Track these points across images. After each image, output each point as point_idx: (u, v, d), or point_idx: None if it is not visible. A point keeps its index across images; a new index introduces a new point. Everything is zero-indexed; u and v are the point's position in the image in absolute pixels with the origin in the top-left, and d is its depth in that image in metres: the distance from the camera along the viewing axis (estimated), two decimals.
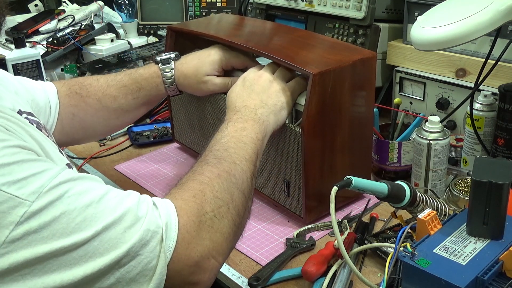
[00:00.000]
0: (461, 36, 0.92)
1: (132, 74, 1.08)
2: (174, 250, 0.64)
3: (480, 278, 0.66)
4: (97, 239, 0.59)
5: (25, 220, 0.56)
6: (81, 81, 1.09)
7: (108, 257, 0.59)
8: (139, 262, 0.61)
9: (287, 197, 1.02)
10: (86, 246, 0.58)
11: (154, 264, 0.62)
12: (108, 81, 1.08)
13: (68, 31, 1.79)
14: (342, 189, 0.76)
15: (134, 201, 0.65)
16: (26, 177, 0.58)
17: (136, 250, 0.61)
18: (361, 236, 0.92)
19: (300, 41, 1.06)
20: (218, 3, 1.90)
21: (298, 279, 0.87)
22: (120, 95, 1.06)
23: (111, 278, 0.60)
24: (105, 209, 0.61)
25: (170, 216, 0.66)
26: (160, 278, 0.63)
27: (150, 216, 0.64)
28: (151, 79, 1.06)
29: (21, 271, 0.56)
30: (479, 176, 0.70)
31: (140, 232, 0.62)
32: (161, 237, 0.63)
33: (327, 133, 0.95)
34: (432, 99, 1.27)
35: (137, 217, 0.63)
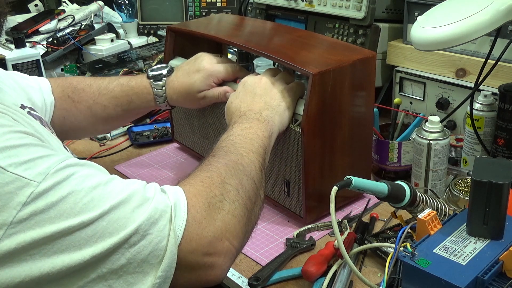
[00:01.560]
0: (461, 36, 0.92)
1: (124, 86, 1.08)
2: (185, 229, 0.64)
3: (480, 278, 0.66)
4: (105, 218, 0.59)
5: (32, 201, 0.56)
6: (75, 84, 1.10)
7: (117, 236, 0.59)
8: (149, 241, 0.61)
9: (287, 197, 1.02)
10: (94, 226, 0.58)
11: (165, 244, 0.62)
12: (101, 89, 1.08)
13: (68, 31, 1.79)
14: (342, 189, 0.76)
15: (141, 185, 0.65)
16: (33, 159, 0.58)
17: (145, 228, 0.61)
18: (361, 236, 0.92)
19: (300, 41, 1.06)
20: (218, 3, 1.90)
21: (298, 279, 0.87)
22: (110, 106, 1.08)
23: (121, 258, 0.60)
24: (112, 191, 0.61)
25: (178, 197, 0.66)
26: (171, 258, 0.62)
27: (158, 197, 0.64)
28: (141, 94, 1.07)
29: (29, 251, 0.56)
30: (479, 176, 0.70)
31: (149, 211, 0.62)
32: (170, 216, 0.63)
33: (327, 133, 0.95)
34: (432, 99, 1.27)
35: (145, 198, 0.63)
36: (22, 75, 1.05)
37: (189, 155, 1.30)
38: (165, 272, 0.62)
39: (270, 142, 0.88)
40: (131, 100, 1.08)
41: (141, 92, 1.07)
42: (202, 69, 1.05)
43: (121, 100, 1.08)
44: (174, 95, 1.07)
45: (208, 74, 1.05)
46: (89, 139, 1.41)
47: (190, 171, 0.76)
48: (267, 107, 0.91)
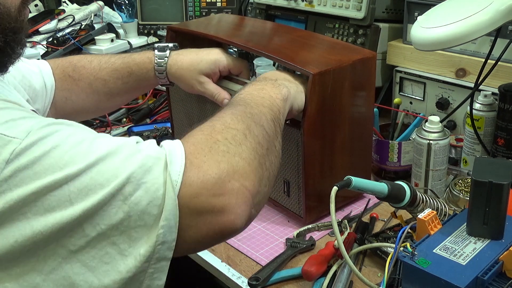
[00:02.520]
0: (461, 36, 0.92)
1: (125, 58, 1.07)
2: (184, 174, 0.60)
3: (480, 278, 0.66)
4: (93, 170, 0.56)
5: (15, 157, 0.54)
6: (75, 63, 1.08)
7: (108, 187, 0.56)
8: (145, 191, 0.57)
9: (287, 197, 1.02)
10: (83, 179, 0.55)
11: (162, 192, 0.58)
12: (101, 63, 1.07)
13: (68, 31, 1.79)
14: (342, 189, 0.76)
15: (132, 139, 0.62)
16: (15, 119, 0.57)
17: (138, 177, 0.57)
18: (361, 236, 0.92)
19: (300, 41, 1.06)
20: (218, 3, 1.90)
21: (298, 279, 0.87)
22: (111, 79, 1.06)
23: (119, 212, 0.56)
24: (100, 144, 0.58)
25: (174, 146, 0.62)
26: (171, 205, 0.58)
27: (151, 147, 0.61)
28: (142, 64, 1.06)
29: (20, 210, 0.54)
30: (479, 176, 0.71)
31: (141, 159, 0.58)
32: (165, 163, 0.59)
33: (327, 133, 0.95)
34: (432, 99, 1.27)
35: (136, 148, 0.60)
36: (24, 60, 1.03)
37: None
38: (167, 221, 0.58)
39: (285, 106, 0.82)
40: (132, 71, 1.06)
41: (142, 62, 1.06)
42: (213, 54, 1.05)
43: (121, 72, 1.06)
44: (175, 67, 1.04)
45: (216, 59, 1.04)
46: None
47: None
48: (282, 78, 0.89)
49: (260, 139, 0.69)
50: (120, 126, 1.44)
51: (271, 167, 0.70)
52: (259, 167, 0.66)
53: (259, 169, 0.66)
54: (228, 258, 0.94)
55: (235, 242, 0.97)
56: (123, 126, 1.44)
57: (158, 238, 0.57)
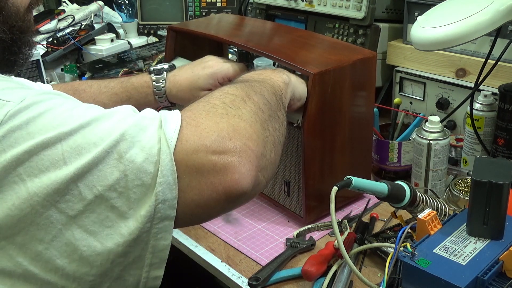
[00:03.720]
0: (461, 36, 0.92)
1: (124, 82, 1.08)
2: (180, 132, 0.58)
3: (480, 278, 0.66)
4: (86, 129, 0.56)
5: (9, 119, 0.54)
6: (76, 86, 1.10)
7: (102, 145, 0.55)
8: (140, 148, 0.56)
9: (287, 197, 1.02)
10: (76, 137, 0.55)
11: (158, 148, 0.56)
12: (101, 87, 1.08)
13: (68, 31, 1.79)
14: (342, 189, 0.76)
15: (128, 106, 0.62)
16: (13, 88, 0.58)
17: (133, 134, 0.56)
18: (361, 236, 0.92)
19: (300, 41, 1.06)
20: (218, 3, 1.90)
21: (298, 279, 0.87)
22: (110, 103, 1.06)
23: (114, 171, 0.55)
24: (94, 109, 0.59)
25: (170, 111, 0.62)
26: (167, 160, 0.56)
27: (147, 111, 0.61)
28: (141, 88, 1.06)
29: (14, 170, 0.54)
30: (479, 176, 0.71)
31: (135, 119, 0.58)
32: (160, 122, 0.58)
33: (327, 133, 0.95)
34: (432, 99, 1.27)
35: (131, 112, 0.60)
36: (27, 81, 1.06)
37: None
38: (164, 178, 0.56)
39: (286, 89, 0.80)
40: (131, 96, 1.06)
41: (140, 86, 1.06)
42: (208, 67, 1.03)
43: (120, 97, 1.06)
44: (174, 89, 1.04)
45: (213, 72, 1.02)
46: None
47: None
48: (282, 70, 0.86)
49: (261, 105, 0.67)
50: None
51: (275, 132, 0.67)
52: (262, 130, 0.64)
53: (262, 131, 0.64)
54: (228, 258, 0.94)
55: (235, 242, 0.97)
56: None
57: (158, 197, 0.56)
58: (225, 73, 1.03)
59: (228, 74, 1.03)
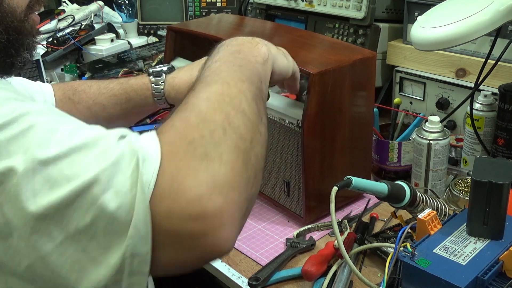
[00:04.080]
0: (461, 36, 0.92)
1: (123, 84, 1.07)
2: (158, 176, 0.52)
3: (480, 278, 0.66)
4: (64, 161, 0.51)
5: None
6: (76, 87, 1.09)
7: (75, 183, 0.50)
8: (115, 193, 0.51)
9: (287, 197, 1.02)
10: (51, 169, 0.51)
11: (133, 194, 0.51)
12: (100, 88, 1.07)
13: (68, 31, 1.79)
14: (342, 189, 0.76)
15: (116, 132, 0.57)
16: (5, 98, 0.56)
17: (108, 176, 0.51)
18: (361, 236, 0.92)
19: (300, 41, 1.06)
20: (218, 3, 1.90)
21: (298, 279, 0.87)
22: (110, 105, 1.06)
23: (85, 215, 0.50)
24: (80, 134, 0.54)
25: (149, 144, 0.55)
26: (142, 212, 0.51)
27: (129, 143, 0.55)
28: (140, 90, 1.05)
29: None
30: (479, 176, 0.71)
31: (114, 156, 0.53)
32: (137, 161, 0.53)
33: (327, 133, 0.95)
34: (432, 99, 1.27)
35: (115, 141, 0.55)
36: (27, 80, 1.05)
37: None
38: (136, 230, 0.51)
39: (266, 69, 0.73)
40: (130, 98, 1.05)
41: (139, 88, 1.04)
42: None
43: (119, 98, 1.06)
44: (173, 92, 1.03)
45: None
46: None
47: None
48: (262, 40, 0.79)
49: (242, 131, 0.59)
50: None
51: (257, 161, 0.61)
52: (244, 168, 0.57)
53: (244, 171, 0.57)
54: (228, 258, 0.94)
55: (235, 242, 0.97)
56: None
57: (127, 249, 0.51)
58: None
59: None
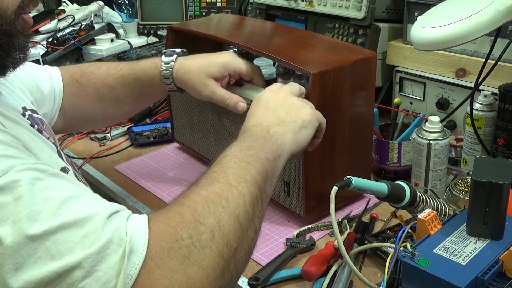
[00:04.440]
0: (461, 36, 0.92)
1: (132, 64, 1.06)
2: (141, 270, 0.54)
3: (480, 278, 0.66)
4: (50, 237, 0.52)
5: None
6: (84, 68, 1.08)
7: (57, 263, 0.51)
8: (96, 280, 0.52)
9: (287, 197, 1.02)
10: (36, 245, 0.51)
11: (114, 284, 0.52)
12: (109, 69, 1.06)
13: (68, 31, 1.79)
14: (342, 189, 0.76)
15: (106, 210, 0.57)
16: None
17: (92, 263, 0.52)
18: (361, 236, 0.92)
19: (300, 41, 1.06)
20: (218, 3, 1.90)
21: (298, 279, 0.87)
22: (117, 86, 1.05)
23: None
24: (71, 208, 0.54)
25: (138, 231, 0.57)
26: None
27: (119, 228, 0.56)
28: (148, 69, 1.02)
29: None
30: (479, 176, 0.70)
31: (102, 243, 0.53)
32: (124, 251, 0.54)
33: (327, 133, 0.95)
34: (432, 99, 1.27)
35: (103, 225, 0.55)
36: (34, 64, 1.04)
37: (189, 155, 1.30)
38: None
39: (277, 165, 0.74)
40: (138, 78, 1.03)
41: (148, 67, 1.02)
42: (222, 56, 1.00)
43: (127, 79, 1.04)
44: (182, 71, 0.99)
45: (225, 62, 0.98)
46: (89, 139, 1.41)
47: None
48: (278, 123, 0.78)
49: (230, 238, 0.61)
50: (120, 126, 1.44)
51: (236, 268, 0.62)
52: (220, 275, 0.59)
53: (220, 277, 0.59)
54: None
55: None
56: (123, 126, 1.44)
57: None
58: (238, 66, 0.99)
59: (241, 69, 0.99)
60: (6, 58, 0.67)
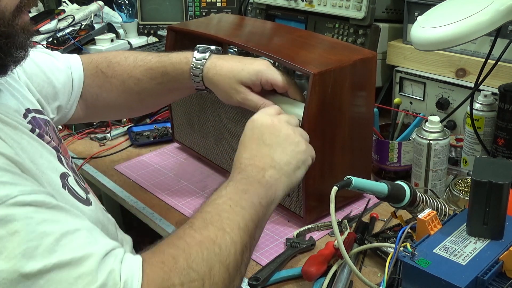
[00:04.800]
0: (461, 36, 0.92)
1: (162, 57, 1.00)
2: None
3: (480, 278, 0.66)
4: (44, 276, 0.52)
5: None
6: (111, 58, 1.03)
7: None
8: None
9: (287, 197, 1.01)
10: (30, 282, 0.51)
11: None
12: (137, 60, 1.01)
13: (68, 31, 1.79)
14: (342, 189, 0.76)
15: (101, 249, 0.57)
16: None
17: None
18: (361, 236, 0.92)
19: (300, 41, 1.06)
20: (218, 3, 1.90)
21: (298, 279, 0.87)
22: (144, 79, 0.99)
23: None
24: (67, 245, 0.54)
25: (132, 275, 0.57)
26: None
27: (112, 272, 0.56)
28: (178, 64, 0.97)
29: None
30: (479, 176, 0.70)
31: (96, 285, 0.54)
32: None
33: (327, 133, 0.95)
34: (432, 99, 1.27)
35: (98, 267, 0.55)
36: (50, 53, 1.00)
37: (189, 155, 1.30)
38: None
39: (269, 210, 0.75)
40: (166, 71, 0.97)
41: (178, 62, 0.97)
42: (256, 63, 0.94)
43: (155, 72, 0.98)
44: (212, 71, 0.94)
45: (260, 70, 0.93)
46: (89, 139, 1.41)
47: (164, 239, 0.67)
48: (274, 165, 0.78)
49: (218, 287, 0.63)
50: (120, 126, 1.44)
51: None
52: None
53: None
54: None
55: None
56: (123, 126, 1.44)
57: None
58: (272, 77, 0.93)
59: (275, 80, 0.93)
60: (6, 58, 0.67)
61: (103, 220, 0.79)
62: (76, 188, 0.76)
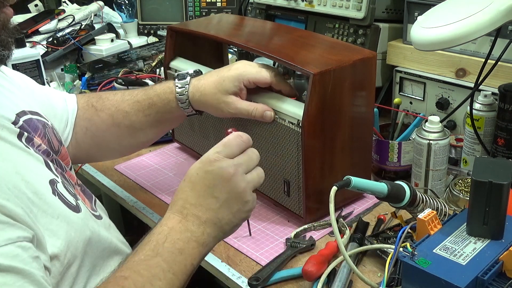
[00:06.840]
0: (461, 36, 0.92)
1: (147, 90, 1.02)
2: None
3: (480, 278, 0.66)
4: None
5: None
6: (101, 94, 1.07)
7: None
8: None
9: (287, 197, 1.02)
10: None
11: None
12: (124, 95, 1.03)
13: (68, 31, 1.79)
14: (342, 189, 0.76)
15: None
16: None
17: None
18: (361, 236, 0.92)
19: (300, 41, 1.06)
20: (218, 3, 1.90)
21: (298, 279, 0.87)
22: (132, 111, 1.01)
23: None
24: None
25: None
26: None
27: None
28: (163, 94, 0.99)
29: None
30: (479, 176, 0.70)
31: None
32: None
33: (327, 133, 0.95)
34: (432, 99, 1.27)
35: None
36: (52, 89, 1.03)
37: (189, 155, 1.30)
38: None
39: (194, 269, 0.75)
40: (152, 103, 1.00)
41: (163, 92, 0.99)
42: (234, 69, 0.96)
43: (142, 104, 1.00)
44: (197, 94, 0.96)
45: (239, 74, 0.95)
46: None
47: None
48: (216, 222, 0.75)
49: None
50: None
51: None
52: None
53: None
54: (228, 258, 0.94)
55: (235, 242, 0.97)
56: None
57: None
58: (251, 76, 0.95)
59: (256, 79, 0.96)
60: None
61: (93, 227, 0.78)
62: (65, 194, 0.75)
